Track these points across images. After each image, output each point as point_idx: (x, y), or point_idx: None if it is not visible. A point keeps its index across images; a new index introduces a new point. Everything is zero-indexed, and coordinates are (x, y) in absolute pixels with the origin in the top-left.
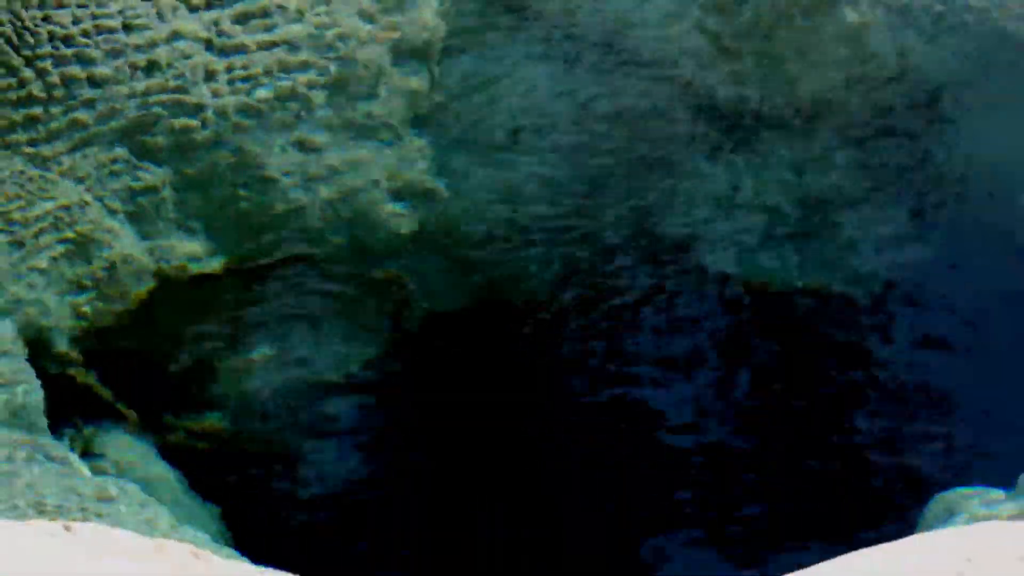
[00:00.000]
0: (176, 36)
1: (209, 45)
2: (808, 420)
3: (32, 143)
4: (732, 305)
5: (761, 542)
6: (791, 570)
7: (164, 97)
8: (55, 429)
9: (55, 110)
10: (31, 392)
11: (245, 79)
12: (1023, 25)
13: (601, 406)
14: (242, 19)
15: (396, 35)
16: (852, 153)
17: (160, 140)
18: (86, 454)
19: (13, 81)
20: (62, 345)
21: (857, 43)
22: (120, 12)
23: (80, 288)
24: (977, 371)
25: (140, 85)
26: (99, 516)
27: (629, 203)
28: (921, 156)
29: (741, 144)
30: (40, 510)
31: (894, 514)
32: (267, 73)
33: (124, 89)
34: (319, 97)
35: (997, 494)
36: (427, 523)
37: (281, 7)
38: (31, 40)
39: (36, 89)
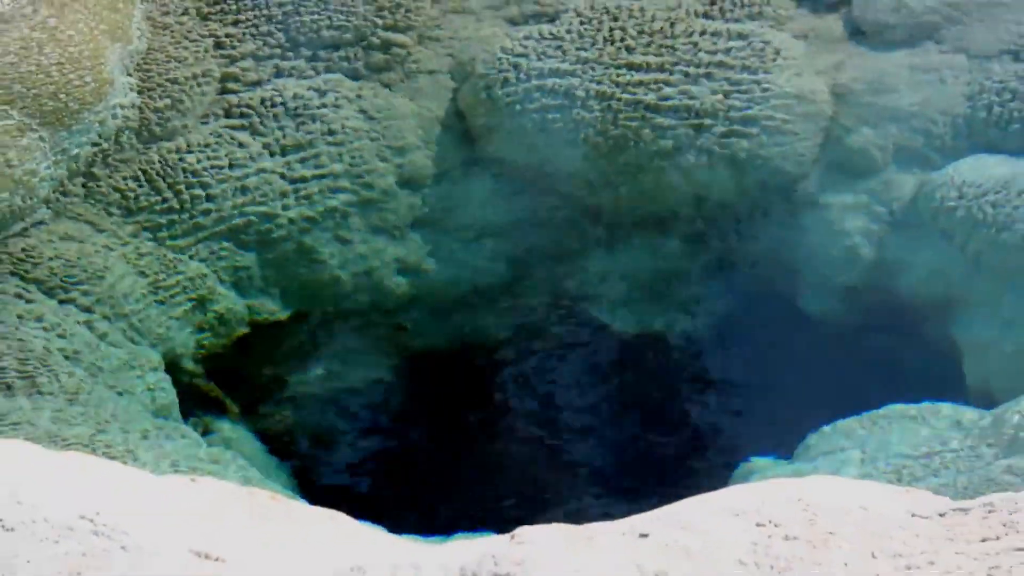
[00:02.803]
0: (261, 171)
1: (283, 176)
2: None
3: (172, 237)
4: (614, 343)
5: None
6: None
7: (253, 209)
8: (185, 418)
9: (184, 216)
10: (169, 395)
11: (305, 198)
12: (793, 164)
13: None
14: (303, 160)
15: (401, 169)
16: (690, 246)
17: (251, 237)
18: (205, 434)
19: (160, 199)
20: (189, 365)
21: (692, 176)
22: (226, 155)
23: (201, 329)
24: (772, 386)
25: (239, 201)
26: (212, 473)
27: (550, 278)
28: (735, 248)
29: (617, 240)
30: (175, 469)
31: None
32: (319, 194)
33: (228, 203)
34: (352, 210)
35: (782, 462)
36: (425, 480)
37: (328, 153)
38: (171, 173)
39: (174, 204)
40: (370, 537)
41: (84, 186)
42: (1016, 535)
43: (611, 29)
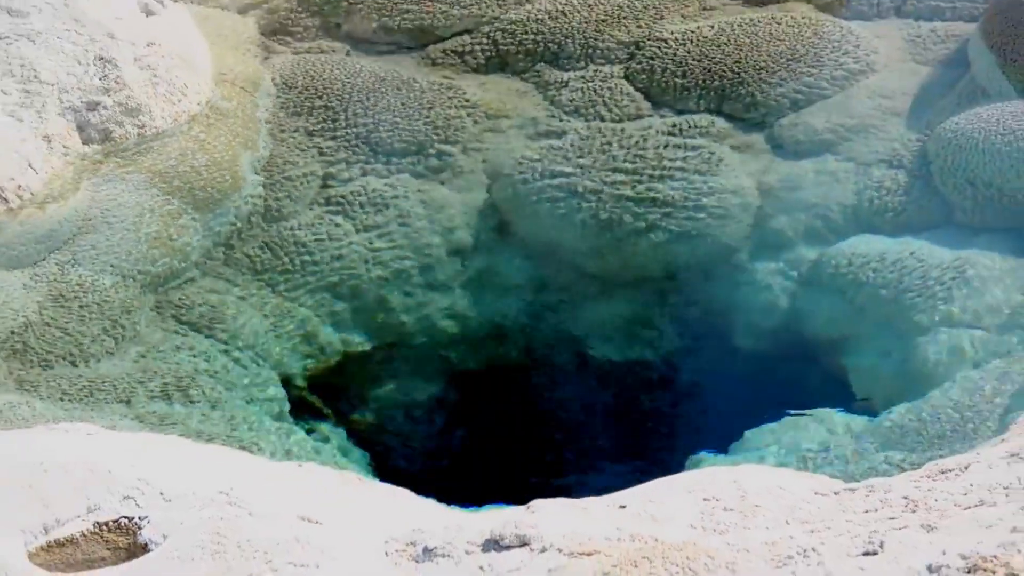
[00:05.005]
0: (350, 243)
1: (366, 247)
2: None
3: (287, 291)
4: (602, 368)
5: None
6: None
7: (345, 271)
8: (295, 421)
9: (296, 275)
10: (284, 404)
11: (381, 263)
12: (731, 240)
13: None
14: (380, 236)
15: (450, 243)
16: (657, 299)
17: (345, 290)
18: (309, 432)
19: (279, 263)
20: (299, 382)
21: (658, 249)
22: (326, 232)
23: (307, 357)
24: (715, 399)
25: (335, 265)
26: (314, 460)
27: (557, 322)
28: (689, 300)
29: (605, 295)
30: (288, 457)
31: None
32: (391, 260)
33: (327, 267)
34: (414, 272)
35: (722, 455)
36: (467, 466)
37: (398, 231)
38: (287, 244)
39: (288, 266)
40: (427, 507)
41: (224, 253)
42: (889, 508)
43: (601, 143)
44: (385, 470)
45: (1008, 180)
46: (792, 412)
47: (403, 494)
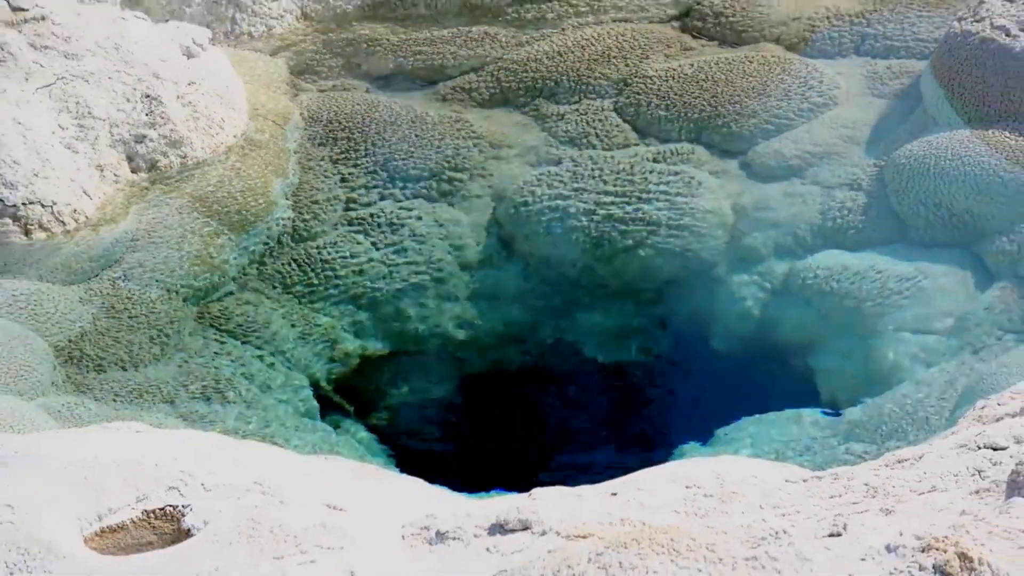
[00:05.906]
0: (370, 259)
1: (384, 263)
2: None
3: (312, 302)
4: (594, 368)
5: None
6: None
7: (365, 284)
8: (321, 418)
9: (320, 288)
10: (311, 403)
11: (398, 277)
12: (709, 255)
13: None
14: (397, 252)
15: (459, 259)
16: (643, 308)
17: (364, 302)
18: (334, 429)
19: (306, 277)
20: (324, 384)
21: (644, 263)
22: (348, 250)
23: (332, 361)
24: (696, 397)
25: (356, 279)
26: (338, 454)
27: (554, 328)
28: (672, 309)
29: (597, 304)
30: (315, 451)
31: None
32: (407, 275)
33: (349, 280)
34: (428, 285)
35: (702, 447)
36: (475, 457)
37: (413, 248)
38: (313, 261)
39: (315, 281)
40: (440, 495)
41: (258, 269)
42: (851, 494)
43: (593, 169)
44: (401, 462)
45: (956, 201)
46: (766, 409)
47: (417, 484)
